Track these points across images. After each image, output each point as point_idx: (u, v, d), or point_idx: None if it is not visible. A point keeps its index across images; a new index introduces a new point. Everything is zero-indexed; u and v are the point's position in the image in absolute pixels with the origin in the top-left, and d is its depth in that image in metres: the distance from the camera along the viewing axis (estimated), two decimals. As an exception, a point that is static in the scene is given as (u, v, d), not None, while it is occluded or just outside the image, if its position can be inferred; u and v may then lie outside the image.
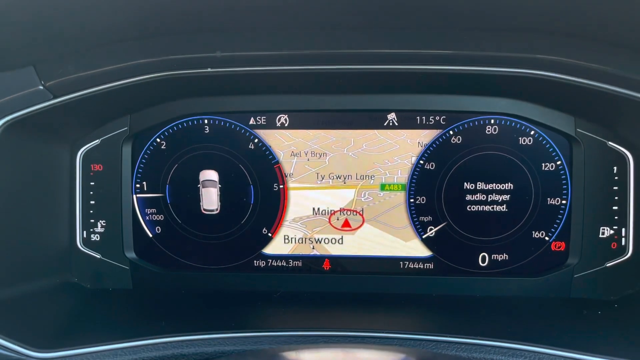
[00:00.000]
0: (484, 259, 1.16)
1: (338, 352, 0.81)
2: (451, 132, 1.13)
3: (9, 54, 0.92)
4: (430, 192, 1.15)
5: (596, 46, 0.93)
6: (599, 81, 0.95)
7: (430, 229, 1.16)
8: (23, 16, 0.82)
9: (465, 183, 1.14)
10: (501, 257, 1.15)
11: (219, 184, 1.18)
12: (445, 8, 0.88)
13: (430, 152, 1.14)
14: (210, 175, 1.17)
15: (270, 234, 1.18)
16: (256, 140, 1.16)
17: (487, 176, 1.14)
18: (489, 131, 1.13)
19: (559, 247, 1.14)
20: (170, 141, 1.17)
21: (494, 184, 1.14)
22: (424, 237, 1.16)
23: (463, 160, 1.14)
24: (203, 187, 1.18)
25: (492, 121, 1.12)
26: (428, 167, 1.15)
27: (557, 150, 1.12)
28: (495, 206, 1.14)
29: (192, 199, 1.18)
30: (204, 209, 1.18)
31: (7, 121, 0.95)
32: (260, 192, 1.17)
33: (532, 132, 1.12)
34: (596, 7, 0.83)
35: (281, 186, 1.17)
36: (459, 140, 1.14)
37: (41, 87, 0.95)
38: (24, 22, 0.84)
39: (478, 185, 1.14)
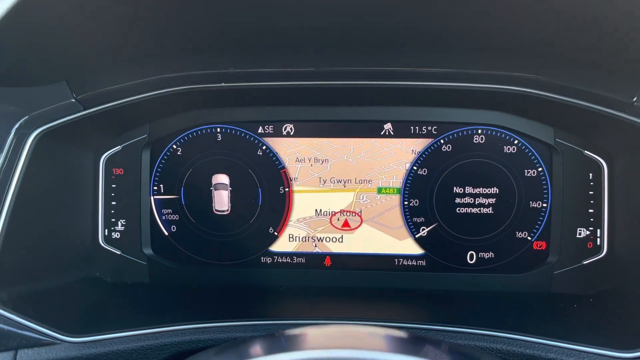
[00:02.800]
0: (472, 257, 1.19)
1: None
2: (442, 141, 1.17)
3: (44, 70, 0.96)
4: (423, 196, 1.19)
5: (573, 66, 0.97)
6: (576, 98, 0.99)
7: (423, 229, 1.20)
8: (57, 37, 0.87)
9: (454, 187, 1.18)
10: (487, 255, 1.19)
11: (230, 187, 1.21)
12: (437, 31, 0.93)
13: (422, 159, 1.18)
14: (221, 179, 1.21)
15: (276, 233, 1.22)
16: (264, 147, 1.20)
17: (474, 181, 1.17)
18: (476, 140, 1.16)
19: (540, 247, 1.17)
20: (185, 148, 1.21)
21: (481, 188, 1.17)
22: (417, 236, 1.20)
23: (453, 166, 1.17)
24: (215, 189, 1.21)
25: (480, 131, 1.16)
26: (421, 173, 1.18)
27: (539, 157, 1.15)
28: (482, 209, 1.18)
29: (205, 200, 1.21)
30: (216, 210, 1.22)
31: (42, 130, 0.98)
32: (267, 194, 1.21)
33: (516, 142, 1.16)
34: (572, 34, 0.88)
35: (286, 189, 1.21)
36: (449, 148, 1.17)
37: (73, 100, 0.99)
38: (58, 42, 0.88)
39: (466, 190, 1.17)
